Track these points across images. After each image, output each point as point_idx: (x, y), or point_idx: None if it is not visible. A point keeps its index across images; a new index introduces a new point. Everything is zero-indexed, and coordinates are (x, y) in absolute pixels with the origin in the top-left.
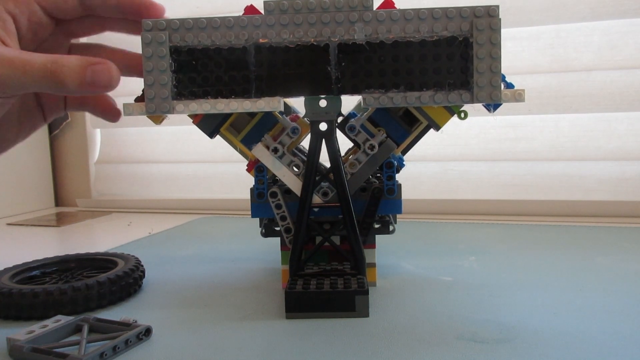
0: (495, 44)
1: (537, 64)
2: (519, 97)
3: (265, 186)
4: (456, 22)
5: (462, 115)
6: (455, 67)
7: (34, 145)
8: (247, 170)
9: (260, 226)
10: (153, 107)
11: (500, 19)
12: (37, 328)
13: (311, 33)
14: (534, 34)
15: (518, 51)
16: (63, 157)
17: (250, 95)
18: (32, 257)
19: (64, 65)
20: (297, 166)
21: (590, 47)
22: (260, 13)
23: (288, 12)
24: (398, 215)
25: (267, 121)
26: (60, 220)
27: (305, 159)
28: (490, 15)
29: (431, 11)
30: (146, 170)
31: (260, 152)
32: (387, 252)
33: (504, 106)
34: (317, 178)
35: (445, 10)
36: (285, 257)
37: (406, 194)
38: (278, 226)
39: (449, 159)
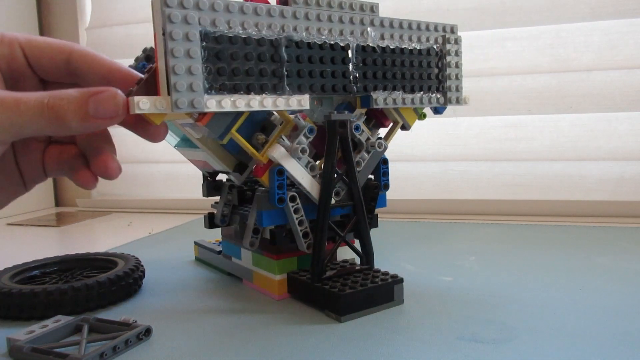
0: (458, 55)
1: (537, 64)
2: (467, 100)
3: (285, 190)
4: (434, 35)
5: (423, 116)
6: (433, 73)
7: None
8: (255, 174)
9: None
10: (185, 102)
11: (460, 36)
12: (37, 328)
13: (334, 31)
14: (534, 34)
15: (518, 51)
16: None
17: (283, 92)
18: (32, 257)
19: (63, 98)
20: (313, 168)
21: (590, 47)
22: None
23: (313, 6)
24: (398, 215)
25: (257, 118)
26: (60, 220)
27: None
28: (453, 31)
29: (418, 23)
30: (146, 170)
31: (280, 154)
32: (387, 252)
33: (504, 106)
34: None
35: (427, 24)
36: (282, 266)
37: (406, 194)
38: (220, 218)
39: (449, 159)
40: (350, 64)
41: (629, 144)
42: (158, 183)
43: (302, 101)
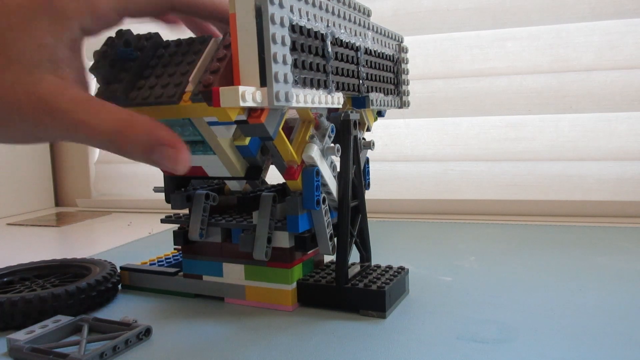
0: (407, 63)
1: (537, 64)
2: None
3: (320, 192)
4: (394, 42)
5: (375, 119)
6: (394, 78)
7: (34, 146)
8: (290, 177)
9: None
10: (283, 95)
11: (405, 46)
12: (37, 328)
13: (352, 31)
14: (534, 34)
15: (518, 51)
16: (63, 157)
17: (330, 90)
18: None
19: (131, 139)
20: (335, 168)
21: (590, 47)
22: None
23: (341, 4)
24: (398, 216)
25: None
26: (60, 220)
27: None
28: (402, 41)
29: (385, 29)
30: (146, 170)
31: (317, 154)
32: (387, 252)
33: (504, 106)
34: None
35: (389, 31)
36: (295, 274)
37: (406, 194)
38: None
39: (449, 159)
40: (360, 65)
41: (629, 144)
42: (158, 183)
43: (340, 99)
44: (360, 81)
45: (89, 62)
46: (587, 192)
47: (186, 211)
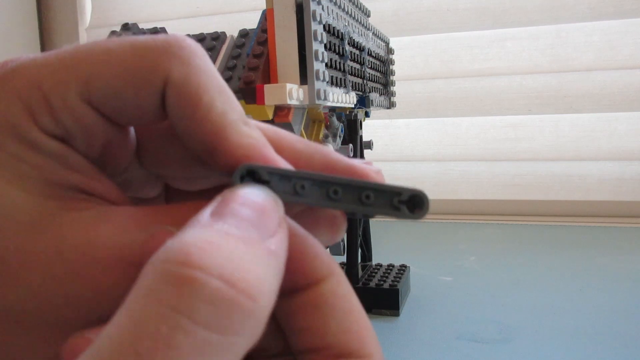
0: (393, 64)
1: (537, 64)
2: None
3: None
4: (383, 43)
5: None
6: (384, 79)
7: None
8: None
9: None
10: (322, 94)
11: (392, 48)
12: None
13: (360, 31)
14: (534, 34)
15: (518, 51)
16: None
17: (347, 89)
18: None
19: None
20: None
21: (590, 47)
22: None
23: (352, 5)
24: None
25: None
26: None
27: None
28: (389, 42)
29: (379, 33)
30: None
31: None
32: (387, 252)
33: (504, 106)
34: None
35: (381, 33)
36: None
37: None
38: None
39: (449, 159)
40: (365, 65)
41: (629, 144)
42: None
43: (354, 98)
44: (365, 81)
45: None
46: (587, 192)
47: None
